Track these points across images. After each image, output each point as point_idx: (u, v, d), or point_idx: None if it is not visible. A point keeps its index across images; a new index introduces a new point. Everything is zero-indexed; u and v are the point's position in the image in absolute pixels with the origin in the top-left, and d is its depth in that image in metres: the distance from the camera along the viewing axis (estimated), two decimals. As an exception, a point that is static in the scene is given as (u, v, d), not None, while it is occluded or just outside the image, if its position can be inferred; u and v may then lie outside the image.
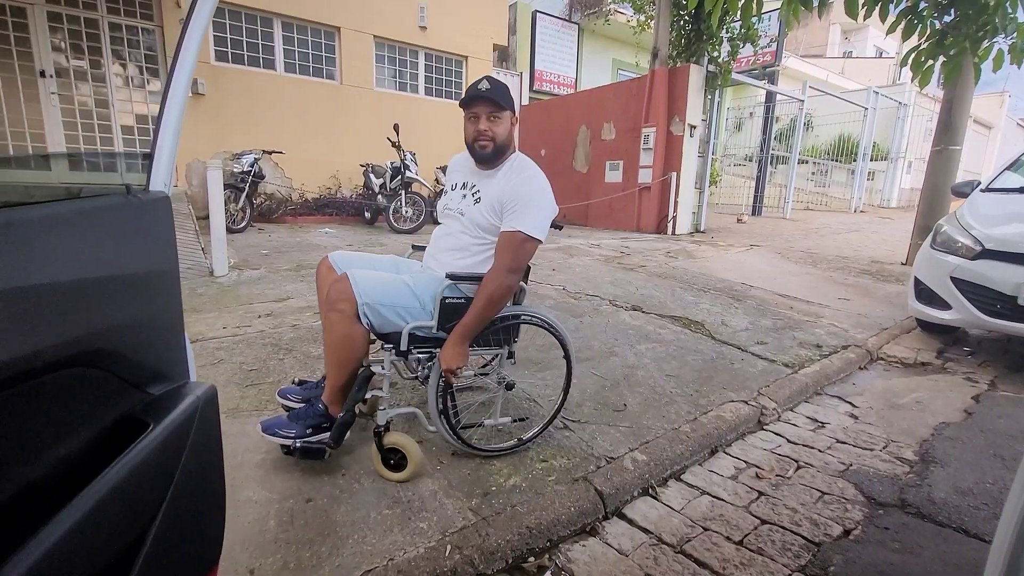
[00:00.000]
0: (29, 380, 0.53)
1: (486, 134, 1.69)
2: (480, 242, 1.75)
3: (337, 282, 1.61)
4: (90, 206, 0.67)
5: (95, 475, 0.55)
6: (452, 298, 1.67)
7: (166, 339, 0.75)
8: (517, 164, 1.77)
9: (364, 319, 1.59)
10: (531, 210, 1.64)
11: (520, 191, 1.67)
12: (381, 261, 1.90)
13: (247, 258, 4.75)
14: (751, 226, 8.75)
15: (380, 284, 1.64)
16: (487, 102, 1.69)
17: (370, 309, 1.59)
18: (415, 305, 1.66)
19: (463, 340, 1.62)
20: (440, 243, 1.83)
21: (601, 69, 12.77)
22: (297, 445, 1.61)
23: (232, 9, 7.09)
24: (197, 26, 0.81)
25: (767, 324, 3.44)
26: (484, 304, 1.60)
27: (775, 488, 1.83)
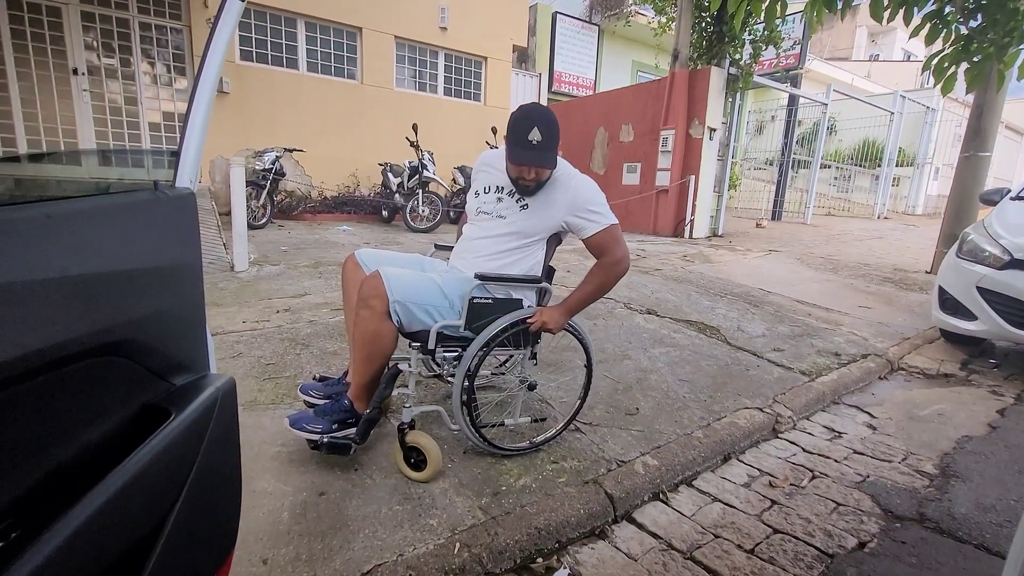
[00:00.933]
0: (62, 367, 0.55)
1: (533, 179, 1.71)
2: (518, 246, 1.79)
3: (370, 279, 1.62)
4: (120, 201, 0.70)
5: (120, 459, 0.57)
6: (480, 298, 1.69)
7: (189, 331, 0.77)
8: (562, 175, 1.78)
9: (394, 316, 1.61)
10: (601, 205, 1.77)
11: (584, 196, 1.75)
12: (406, 259, 1.92)
13: (267, 254, 4.83)
14: (770, 231, 8.63)
15: (411, 282, 1.66)
16: (538, 162, 1.66)
17: (401, 307, 1.61)
18: (444, 304, 1.68)
19: (569, 312, 1.78)
20: (471, 244, 1.84)
21: (620, 71, 12.71)
22: (324, 440, 1.61)
23: (257, 9, 7.22)
24: (224, 30, 0.83)
25: (784, 331, 3.39)
26: (598, 286, 1.77)
27: (789, 497, 1.80)
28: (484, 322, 1.68)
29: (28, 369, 0.50)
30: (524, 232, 1.78)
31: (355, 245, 5.43)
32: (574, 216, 1.75)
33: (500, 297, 1.75)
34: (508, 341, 1.73)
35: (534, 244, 1.81)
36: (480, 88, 9.41)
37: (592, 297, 1.79)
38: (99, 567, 0.53)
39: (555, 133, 1.66)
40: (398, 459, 1.70)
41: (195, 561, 0.69)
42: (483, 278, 1.69)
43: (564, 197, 1.75)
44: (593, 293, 1.78)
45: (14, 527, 0.50)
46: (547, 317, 1.74)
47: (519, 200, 1.78)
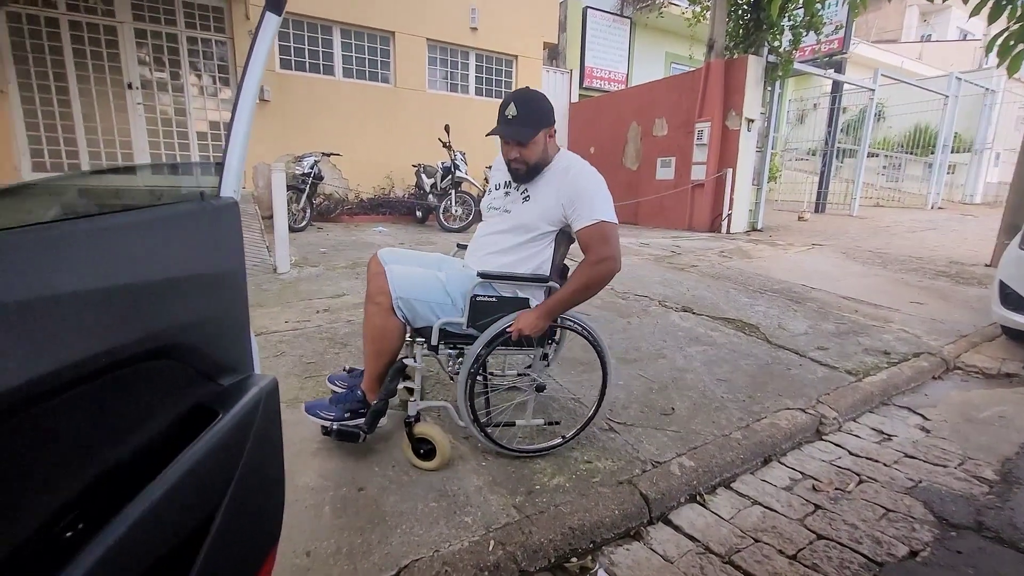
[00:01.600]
0: (120, 369, 0.59)
1: (518, 160, 1.71)
2: (521, 241, 1.76)
3: (376, 277, 1.71)
4: (170, 212, 0.74)
5: (173, 456, 0.61)
6: (483, 296, 1.69)
7: (234, 334, 0.81)
8: (565, 163, 1.76)
9: (399, 312, 1.67)
10: (599, 200, 1.67)
11: (581, 187, 1.68)
12: (427, 258, 1.96)
13: (307, 256, 4.99)
14: (813, 224, 8.29)
15: (414, 280, 1.70)
16: (511, 135, 1.68)
17: (404, 303, 1.66)
18: (446, 302, 1.71)
19: (548, 314, 1.67)
20: (480, 241, 1.86)
21: (654, 63, 12.47)
22: (334, 427, 1.71)
23: (295, 19, 7.45)
24: (262, 45, 0.87)
25: (829, 328, 3.26)
26: (580, 287, 1.66)
27: (834, 502, 1.74)
28: (488, 320, 1.67)
29: (89, 372, 0.54)
30: (526, 225, 1.74)
31: (389, 245, 5.54)
32: (568, 206, 1.69)
33: (506, 296, 1.73)
34: (522, 342, 1.71)
35: (540, 240, 1.76)
36: (511, 87, 9.41)
37: (575, 298, 1.69)
38: (155, 556, 0.56)
39: (533, 109, 1.68)
40: (407, 452, 1.74)
41: (243, 553, 0.73)
42: (485, 276, 1.69)
43: (562, 186, 1.71)
44: (575, 294, 1.68)
45: (80, 519, 0.54)
46: (523, 322, 1.66)
47: (523, 192, 1.77)
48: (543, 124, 1.69)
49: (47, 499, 0.50)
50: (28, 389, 0.46)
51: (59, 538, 0.51)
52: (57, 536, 0.51)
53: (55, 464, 0.51)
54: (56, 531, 0.51)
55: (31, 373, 0.47)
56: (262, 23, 0.89)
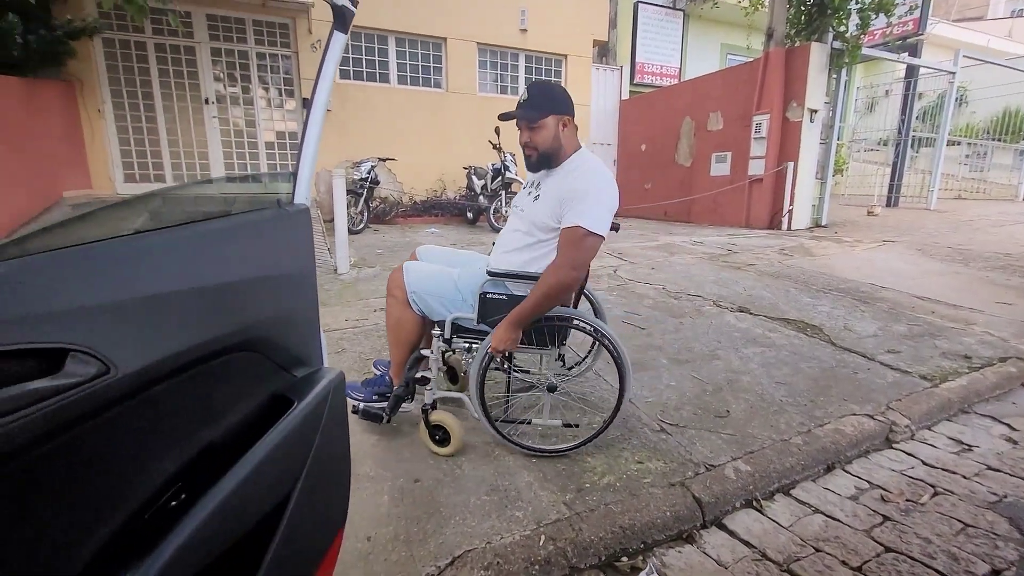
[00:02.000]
0: (211, 360, 0.66)
1: (529, 145, 1.73)
2: (533, 239, 1.75)
3: (394, 271, 1.83)
4: (252, 218, 0.82)
5: (256, 440, 0.68)
6: (493, 293, 1.73)
7: (306, 329, 0.88)
8: (577, 162, 1.74)
9: (414, 306, 1.78)
10: (588, 204, 1.60)
11: (576, 186, 1.64)
12: (459, 256, 2.05)
13: (364, 257, 5.20)
14: (884, 219, 7.76)
15: (428, 276, 1.80)
16: (521, 116, 1.70)
17: (418, 298, 1.77)
18: (457, 298, 1.77)
19: (514, 325, 1.64)
20: (501, 239, 1.89)
21: (708, 56, 12.06)
22: (360, 407, 1.85)
23: (354, 31, 7.76)
24: (331, 63, 0.93)
25: (901, 330, 3.06)
26: (541, 295, 1.61)
27: (904, 514, 1.64)
28: (499, 317, 1.68)
29: (187, 362, 0.61)
30: (535, 223, 1.73)
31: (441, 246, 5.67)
32: (562, 204, 1.64)
33: (517, 294, 1.72)
34: (533, 341, 1.74)
35: (553, 239, 1.72)
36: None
37: (538, 305, 1.62)
38: (242, 528, 0.63)
39: (544, 93, 1.71)
40: (423, 437, 1.82)
41: (315, 531, 0.80)
42: (492, 274, 1.73)
43: (564, 183, 1.69)
44: (538, 301, 1.61)
45: (181, 491, 0.61)
46: (495, 339, 1.64)
47: (537, 189, 1.79)
48: (553, 110, 1.69)
49: (157, 472, 0.58)
50: (144, 374, 0.54)
51: (166, 506, 0.58)
52: (165, 504, 0.58)
53: (164, 442, 0.59)
54: (164, 500, 0.58)
55: (146, 360, 0.54)
56: (330, 41, 0.96)
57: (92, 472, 0.49)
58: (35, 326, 0.45)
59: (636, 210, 9.36)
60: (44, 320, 0.46)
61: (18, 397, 0.41)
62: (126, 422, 0.53)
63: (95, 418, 0.49)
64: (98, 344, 0.49)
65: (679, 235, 6.71)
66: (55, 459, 0.45)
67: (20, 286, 0.45)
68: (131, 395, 0.53)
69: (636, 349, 2.73)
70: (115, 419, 0.51)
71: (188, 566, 0.54)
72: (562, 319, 1.75)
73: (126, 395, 0.53)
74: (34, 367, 0.44)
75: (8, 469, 0.41)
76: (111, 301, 0.53)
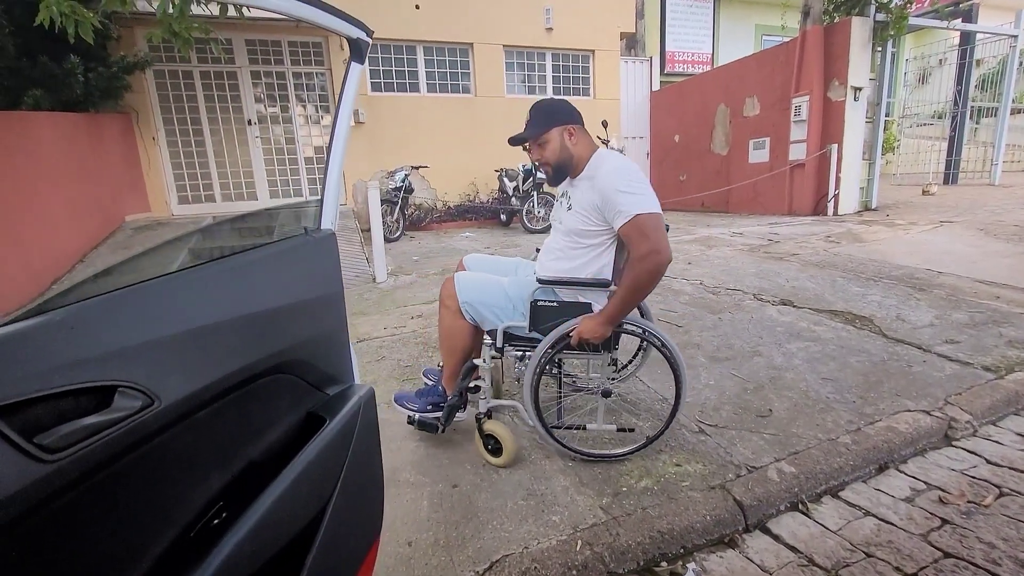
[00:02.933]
0: (249, 384, 0.71)
1: (541, 161, 1.79)
2: (574, 246, 1.77)
3: (446, 282, 1.86)
4: (282, 247, 0.87)
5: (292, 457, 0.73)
6: (544, 301, 1.75)
7: (336, 349, 0.92)
8: (598, 162, 1.76)
9: (466, 315, 1.80)
10: (631, 193, 1.62)
11: (609, 185, 1.64)
12: (505, 263, 2.08)
13: (401, 264, 5.33)
14: (942, 198, 7.29)
15: (479, 285, 1.82)
16: (525, 139, 1.79)
17: (470, 307, 1.79)
18: (508, 306, 1.80)
19: (609, 321, 1.65)
20: (545, 248, 1.92)
21: (742, 39, 11.65)
22: (416, 418, 1.89)
23: (383, 43, 7.97)
24: (349, 93, 0.98)
25: (960, 318, 2.87)
26: (630, 288, 1.61)
27: (966, 517, 1.55)
28: (551, 324, 1.71)
29: (225, 388, 0.66)
30: (575, 231, 1.75)
31: (476, 251, 5.74)
32: (604, 207, 1.65)
33: (567, 301, 1.76)
34: (585, 347, 1.69)
35: (596, 244, 1.75)
36: (588, 83, 9.31)
37: (629, 301, 1.63)
38: (281, 542, 0.67)
39: (541, 111, 1.78)
40: (478, 446, 1.85)
41: (351, 541, 0.84)
42: (543, 281, 1.75)
43: (595, 187, 1.69)
44: (628, 297, 1.62)
45: (223, 508, 0.66)
46: (585, 327, 1.65)
47: (568, 200, 1.81)
48: (553, 123, 1.75)
49: (200, 492, 0.62)
50: (186, 403, 0.59)
51: (209, 524, 0.63)
52: (208, 522, 0.63)
53: (206, 464, 0.64)
54: (207, 518, 0.63)
55: (188, 390, 0.59)
56: (348, 71, 1.01)
57: (140, 496, 0.54)
58: (88, 367, 0.50)
59: (671, 203, 9.16)
60: (96, 361, 0.51)
61: (74, 433, 0.46)
62: (171, 447, 0.58)
63: (143, 446, 0.54)
64: (143, 379, 0.54)
65: (717, 227, 6.53)
66: (110, 485, 0.50)
67: (72, 331, 0.50)
68: (175, 423, 0.58)
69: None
70: (161, 445, 0.56)
71: (232, 578, 0.59)
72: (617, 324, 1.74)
73: (170, 423, 0.58)
74: (87, 404, 0.49)
75: (65, 499, 0.46)
76: (154, 338, 0.58)
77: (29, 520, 0.43)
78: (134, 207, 6.56)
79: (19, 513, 0.42)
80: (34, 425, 0.45)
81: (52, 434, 0.45)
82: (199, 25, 3.92)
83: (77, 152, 5.29)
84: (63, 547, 0.46)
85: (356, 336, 3.16)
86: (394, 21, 7.69)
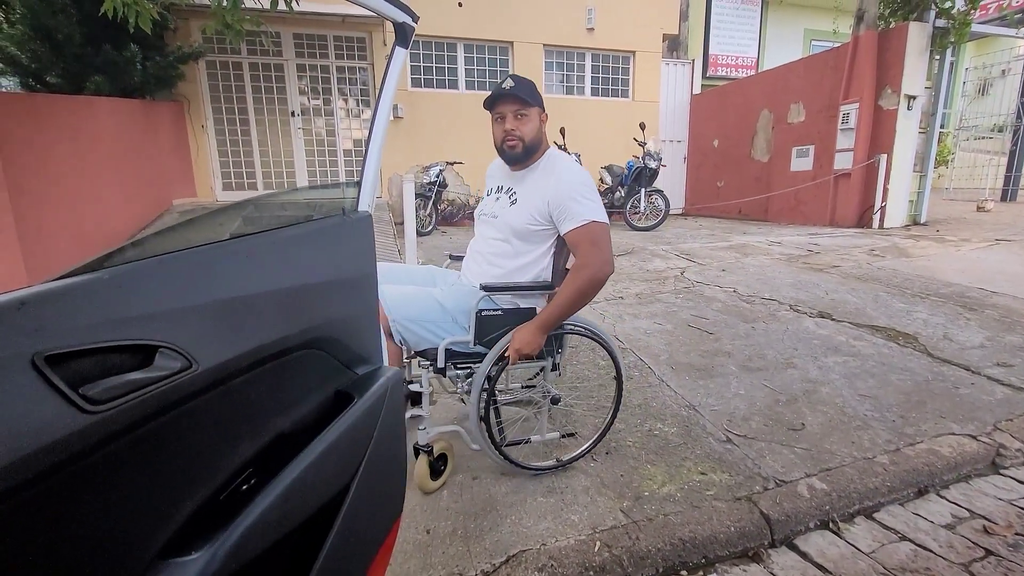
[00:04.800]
0: (283, 357, 0.72)
1: (513, 134, 1.63)
2: (516, 248, 1.66)
3: None
4: (320, 225, 0.88)
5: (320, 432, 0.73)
6: (488, 311, 1.59)
7: (367, 330, 0.93)
8: (550, 161, 1.68)
9: (396, 336, 1.58)
10: (585, 200, 1.57)
11: (562, 190, 1.57)
12: (419, 272, 1.89)
13: (431, 258, 5.38)
14: (998, 215, 6.91)
15: (408, 300, 1.61)
16: (511, 100, 1.62)
17: (401, 327, 1.57)
18: (446, 320, 1.61)
19: (543, 328, 1.56)
20: (474, 253, 1.77)
21: (790, 44, 11.30)
22: None
23: (424, 40, 8.07)
24: (392, 78, 0.98)
25: (1014, 341, 2.71)
26: (574, 295, 1.54)
27: (1013, 550, 1.46)
28: (497, 335, 1.59)
29: (261, 358, 0.67)
30: (516, 230, 1.63)
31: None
32: (554, 207, 1.57)
33: (508, 308, 1.63)
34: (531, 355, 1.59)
35: (536, 245, 1.65)
36: (628, 84, 9.20)
37: (567, 307, 1.55)
38: (305, 513, 0.68)
39: (531, 86, 1.66)
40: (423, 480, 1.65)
41: (372, 520, 0.85)
42: (488, 289, 1.57)
43: (547, 185, 1.60)
44: (569, 303, 1.54)
45: (252, 475, 0.67)
46: (518, 341, 1.54)
47: (511, 195, 1.69)
48: (538, 102, 1.66)
49: (231, 457, 0.64)
50: (223, 369, 0.60)
51: (238, 489, 0.64)
52: (237, 488, 0.64)
53: (238, 431, 0.65)
54: (237, 484, 0.65)
55: (225, 356, 0.60)
56: (392, 56, 1.01)
57: (175, 455, 0.55)
58: (132, 325, 0.52)
59: (707, 209, 8.97)
60: (140, 320, 0.52)
61: (116, 387, 0.48)
62: (206, 411, 0.60)
63: (180, 407, 0.55)
64: (183, 342, 0.55)
65: (754, 235, 6.35)
66: (147, 442, 0.52)
67: (121, 290, 0.52)
68: (211, 387, 0.60)
69: (702, 355, 2.63)
70: (196, 408, 0.57)
71: (256, 544, 0.60)
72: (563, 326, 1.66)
73: (207, 387, 0.59)
74: (132, 361, 0.51)
75: (109, 449, 0.47)
76: (196, 303, 0.59)
77: (70, 467, 0.45)
78: (181, 192, 6.84)
79: (62, 459, 0.44)
80: (80, 376, 0.47)
81: (96, 386, 0.47)
82: (251, 18, 4.05)
83: (132, 137, 5.54)
84: (100, 497, 0.48)
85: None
86: (436, 18, 7.76)
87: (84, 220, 4.50)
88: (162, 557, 0.54)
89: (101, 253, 0.68)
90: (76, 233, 4.35)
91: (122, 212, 5.19)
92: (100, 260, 0.61)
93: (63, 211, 4.19)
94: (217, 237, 0.73)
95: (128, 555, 0.51)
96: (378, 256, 1.00)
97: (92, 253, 4.16)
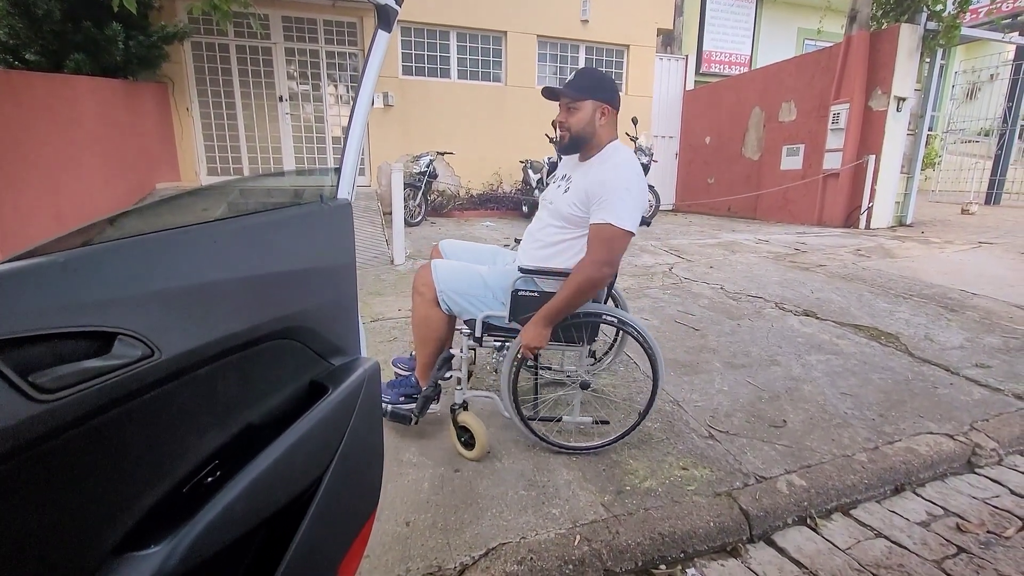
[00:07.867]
0: (253, 346, 0.70)
1: (563, 125, 1.71)
2: (561, 234, 1.73)
3: (421, 269, 1.80)
4: (297, 212, 0.85)
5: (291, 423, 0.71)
6: (525, 291, 1.70)
7: (345, 320, 0.91)
8: (608, 153, 1.71)
9: (443, 304, 1.75)
10: (617, 201, 1.58)
11: (606, 179, 1.61)
12: (482, 251, 2.03)
13: (420, 249, 5.34)
14: (982, 218, 7.02)
15: (457, 274, 1.76)
16: (562, 93, 1.70)
17: (447, 296, 1.73)
18: (487, 295, 1.74)
19: (545, 322, 1.62)
20: (527, 235, 1.87)
21: (783, 42, 11.35)
22: (388, 410, 1.83)
23: (416, 27, 7.96)
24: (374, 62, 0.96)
25: (993, 342, 2.76)
26: (572, 292, 1.59)
27: (984, 547, 1.49)
28: (531, 314, 1.65)
29: (229, 348, 0.65)
30: (563, 215, 1.71)
31: (496, 240, 5.72)
32: (593, 197, 1.62)
33: (548, 291, 1.69)
34: (561, 338, 1.70)
35: (579, 230, 1.70)
36: (621, 78, 9.16)
37: (569, 302, 1.60)
38: (273, 506, 0.67)
39: (590, 78, 1.71)
40: (452, 438, 1.81)
41: (345, 514, 0.83)
42: (524, 271, 1.70)
43: (596, 174, 1.65)
44: (569, 298, 1.59)
45: (217, 468, 0.65)
46: (526, 336, 1.62)
47: (567, 182, 1.76)
48: (593, 95, 1.68)
49: (196, 449, 0.62)
50: (187, 358, 0.58)
51: (203, 482, 0.62)
52: (201, 480, 0.62)
53: (203, 422, 0.63)
54: (201, 476, 0.62)
55: (189, 344, 0.58)
56: (375, 40, 0.99)
57: (135, 446, 0.53)
58: (88, 311, 0.49)
59: (698, 205, 9.01)
60: (96, 306, 0.50)
61: (69, 375, 0.46)
62: (169, 401, 0.57)
63: (141, 397, 0.53)
64: (144, 328, 0.53)
65: (743, 232, 6.39)
66: (104, 433, 0.50)
67: (76, 274, 0.49)
68: (174, 376, 0.58)
69: (688, 351, 2.64)
70: (159, 398, 0.55)
71: (220, 537, 0.58)
72: (590, 315, 1.71)
73: (170, 376, 0.57)
74: (87, 348, 0.49)
75: (62, 439, 0.45)
76: (158, 289, 0.57)
77: (18, 457, 0.42)
78: (165, 175, 6.69)
79: (8, 449, 0.41)
80: (31, 364, 0.44)
81: (47, 374, 0.44)
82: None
83: (114, 117, 5.40)
84: (53, 489, 0.46)
85: (371, 315, 3.17)
86: (428, 4, 7.65)
87: (62, 202, 4.38)
88: (119, 551, 0.52)
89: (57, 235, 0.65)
90: (54, 215, 4.24)
91: (103, 194, 5.07)
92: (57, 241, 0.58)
93: (40, 192, 4.08)
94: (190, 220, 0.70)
95: (82, 549, 0.49)
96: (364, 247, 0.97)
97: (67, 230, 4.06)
